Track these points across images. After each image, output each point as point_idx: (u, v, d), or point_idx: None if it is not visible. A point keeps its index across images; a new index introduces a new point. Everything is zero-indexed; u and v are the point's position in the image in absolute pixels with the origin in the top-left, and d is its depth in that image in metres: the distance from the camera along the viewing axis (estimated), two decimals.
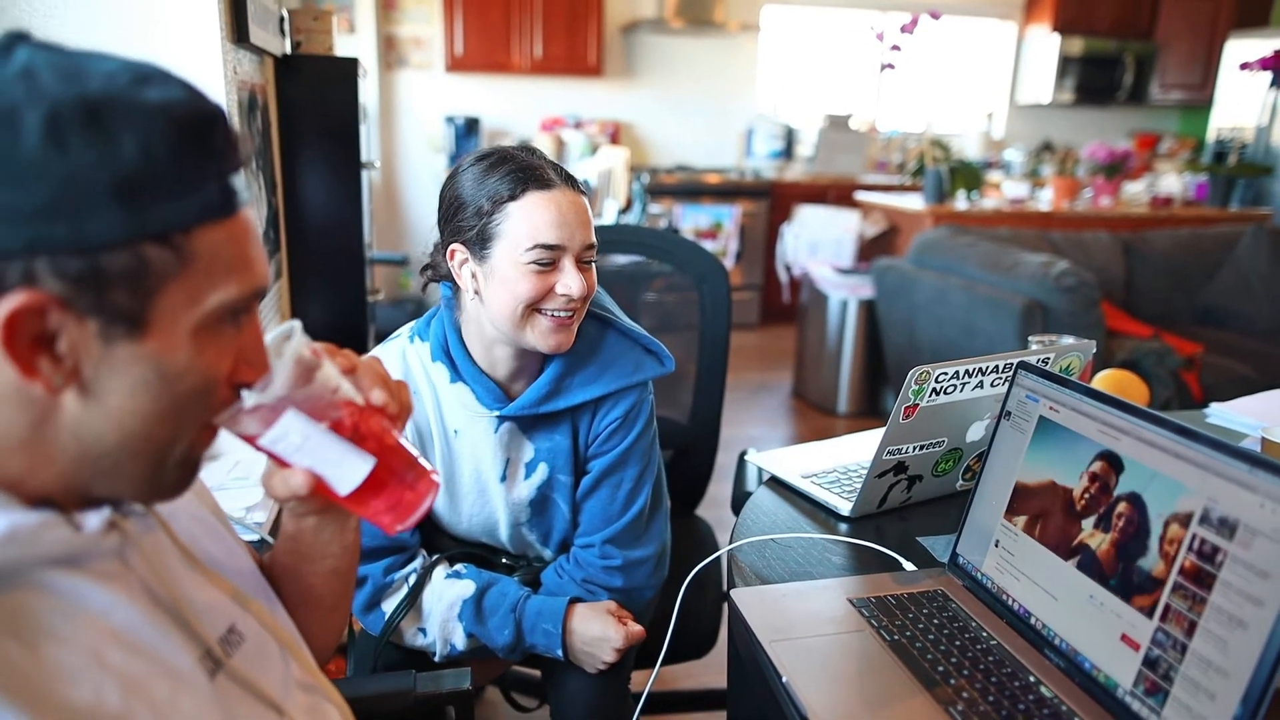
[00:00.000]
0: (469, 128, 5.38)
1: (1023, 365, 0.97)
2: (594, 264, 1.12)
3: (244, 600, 0.68)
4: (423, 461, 0.67)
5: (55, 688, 0.49)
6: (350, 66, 1.94)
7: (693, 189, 5.56)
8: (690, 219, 5.32)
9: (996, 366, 1.10)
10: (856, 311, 3.98)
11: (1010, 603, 0.91)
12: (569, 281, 1.06)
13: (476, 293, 1.10)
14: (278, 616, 0.72)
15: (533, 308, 1.07)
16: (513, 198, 1.04)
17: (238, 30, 1.44)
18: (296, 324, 0.63)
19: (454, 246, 1.09)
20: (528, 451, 1.20)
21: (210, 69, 1.37)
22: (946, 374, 1.07)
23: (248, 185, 0.57)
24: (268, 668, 0.67)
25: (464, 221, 1.07)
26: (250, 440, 0.61)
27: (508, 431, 1.18)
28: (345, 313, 2.05)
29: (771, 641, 0.87)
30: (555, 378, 1.15)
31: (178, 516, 0.68)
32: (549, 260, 1.05)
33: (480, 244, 1.07)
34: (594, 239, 1.10)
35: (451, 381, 1.16)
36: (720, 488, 1.89)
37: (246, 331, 0.58)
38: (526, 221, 1.04)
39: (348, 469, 0.63)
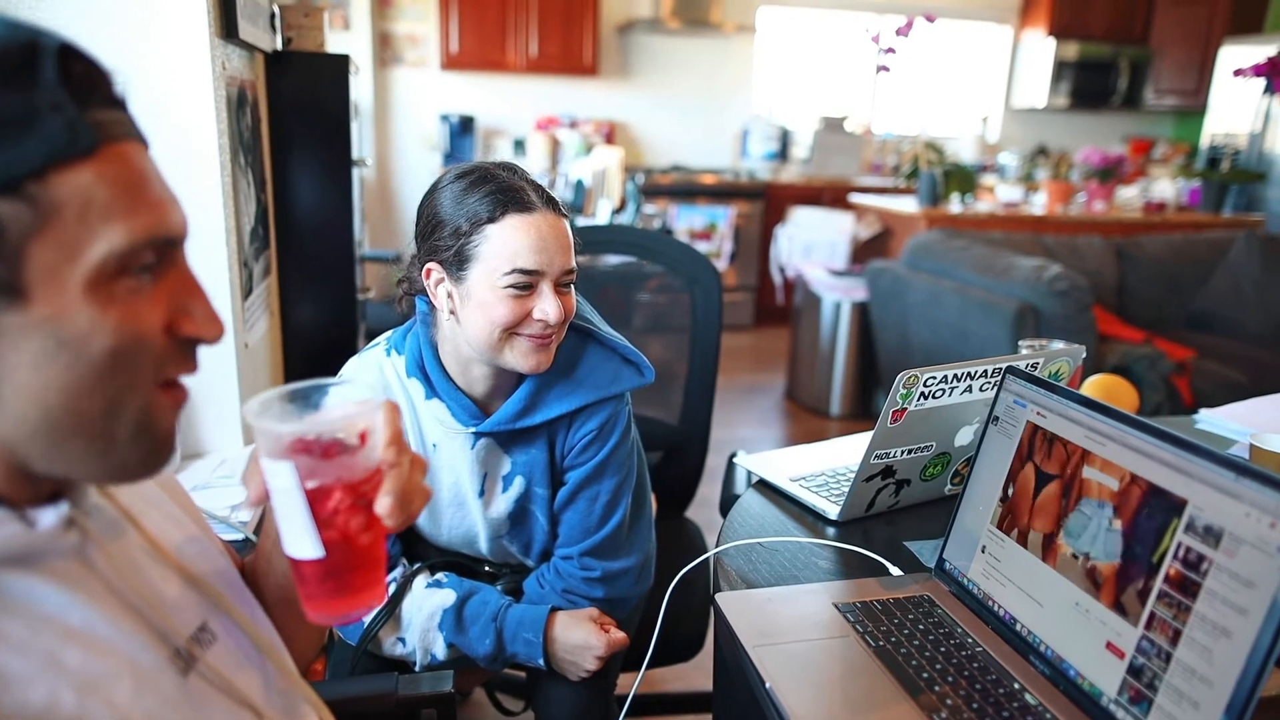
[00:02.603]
0: (464, 126, 5.36)
1: (1011, 370, 0.97)
2: (573, 287, 1.10)
3: (218, 598, 0.67)
4: (375, 591, 0.64)
5: (4, 694, 0.48)
6: (342, 63, 1.92)
7: (688, 189, 5.56)
8: (685, 219, 5.32)
9: (985, 371, 1.10)
10: (850, 314, 3.98)
11: (996, 609, 0.90)
12: (546, 307, 1.04)
13: (452, 312, 1.08)
14: (256, 619, 0.71)
15: (509, 331, 1.06)
16: (492, 220, 1.03)
17: (226, 26, 1.43)
18: (375, 404, 0.62)
19: (430, 265, 1.08)
20: (505, 465, 1.19)
21: (198, 64, 1.36)
22: (935, 378, 1.07)
23: (130, 122, 0.51)
24: (244, 668, 0.66)
25: (441, 241, 1.06)
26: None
27: (484, 448, 1.17)
28: (335, 310, 2.04)
29: (755, 646, 0.86)
30: (531, 392, 1.14)
31: (149, 513, 0.66)
32: (527, 285, 1.04)
33: (457, 265, 1.05)
34: (574, 264, 1.08)
35: (427, 398, 1.15)
36: (710, 489, 1.88)
37: (172, 280, 0.53)
38: (505, 245, 1.03)
39: (299, 543, 0.61)
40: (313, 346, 2.03)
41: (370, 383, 0.59)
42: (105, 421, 0.51)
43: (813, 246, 4.59)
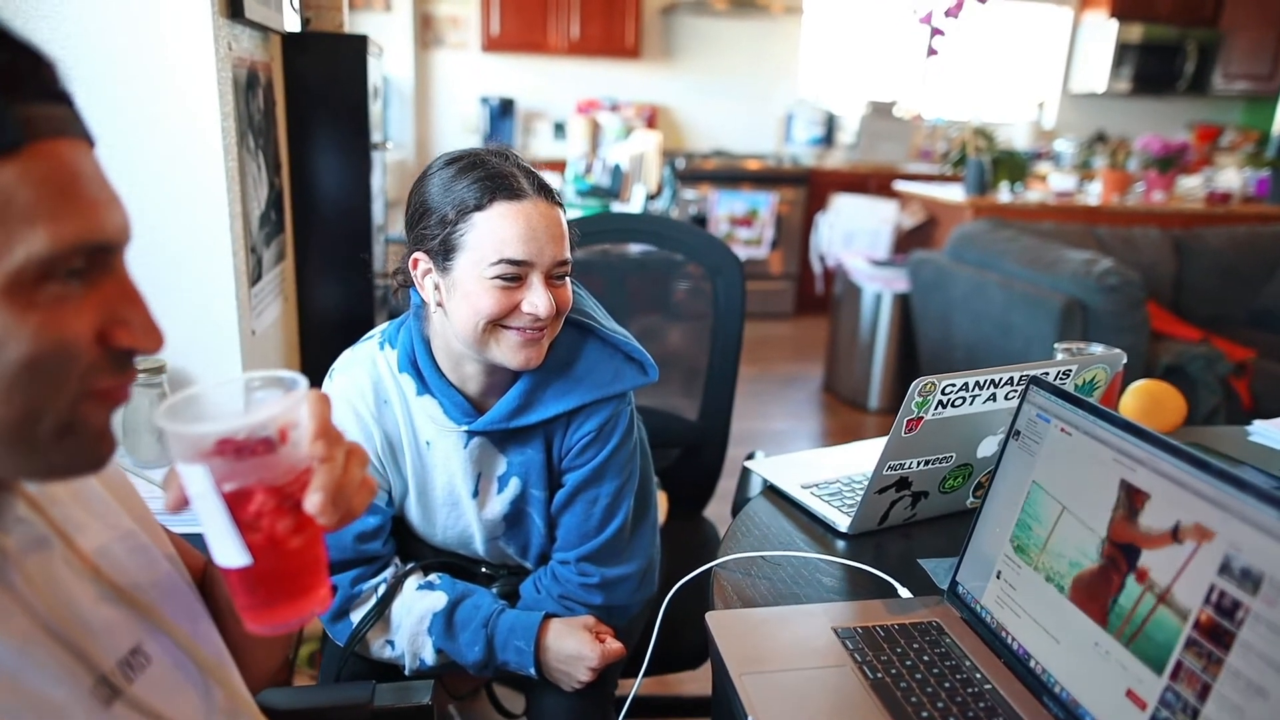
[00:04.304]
0: (504, 109, 5.33)
1: (1035, 381, 0.89)
2: (569, 280, 1.05)
3: (157, 618, 0.62)
4: (313, 596, 0.60)
5: None
6: (360, 44, 1.88)
7: (730, 175, 5.46)
8: (726, 205, 5.21)
9: (1010, 379, 1.02)
10: (891, 305, 3.86)
11: (1009, 641, 0.83)
12: (535, 300, 0.99)
13: (439, 305, 1.03)
14: (199, 638, 0.67)
15: (495, 323, 1.00)
16: (479, 207, 0.97)
17: (232, 5, 1.39)
18: (299, 394, 0.57)
19: (417, 255, 1.03)
20: (500, 465, 1.14)
21: (200, 45, 1.32)
22: (954, 386, 0.99)
23: (72, 117, 0.49)
24: (180, 693, 0.62)
25: (427, 229, 1.01)
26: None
27: (479, 446, 1.12)
28: (352, 295, 2.01)
29: (742, 674, 0.80)
30: (526, 390, 1.08)
31: (88, 528, 0.62)
32: (515, 276, 0.98)
33: (443, 254, 1.00)
34: (567, 255, 1.02)
35: (419, 394, 1.10)
36: (733, 485, 1.81)
37: (106, 288, 0.51)
38: (492, 234, 0.97)
39: (223, 550, 0.56)
40: (330, 331, 2.01)
41: (295, 374, 0.55)
42: (22, 427, 0.48)
43: (854, 235, 4.47)
